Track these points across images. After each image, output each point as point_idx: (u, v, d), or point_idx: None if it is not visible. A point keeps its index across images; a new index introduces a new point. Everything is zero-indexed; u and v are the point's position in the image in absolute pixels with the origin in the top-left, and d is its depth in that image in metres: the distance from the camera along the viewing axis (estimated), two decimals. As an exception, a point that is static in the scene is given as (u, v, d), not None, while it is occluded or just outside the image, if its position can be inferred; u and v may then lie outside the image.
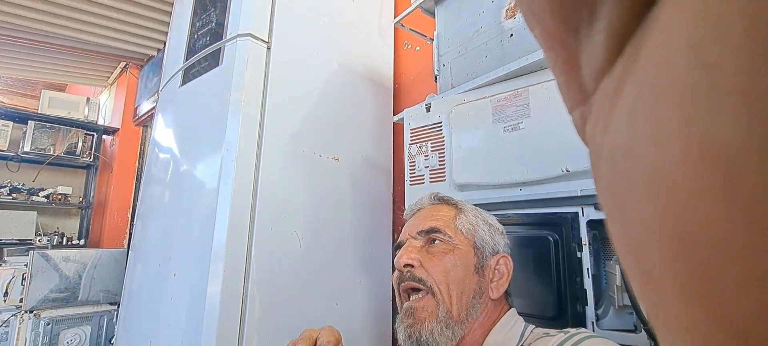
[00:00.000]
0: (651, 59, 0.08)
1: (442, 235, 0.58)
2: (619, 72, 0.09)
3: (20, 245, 2.94)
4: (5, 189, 3.12)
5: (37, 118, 3.20)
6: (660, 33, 0.07)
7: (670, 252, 0.07)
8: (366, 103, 1.35)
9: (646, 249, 0.08)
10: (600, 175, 0.09)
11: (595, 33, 0.09)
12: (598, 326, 0.65)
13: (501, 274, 0.58)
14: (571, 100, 0.11)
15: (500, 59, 0.80)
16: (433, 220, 0.60)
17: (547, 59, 0.11)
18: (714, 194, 0.06)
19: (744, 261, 0.06)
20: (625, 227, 0.09)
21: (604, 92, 0.09)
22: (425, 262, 0.56)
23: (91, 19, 2.57)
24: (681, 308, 0.07)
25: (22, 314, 1.79)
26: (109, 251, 2.11)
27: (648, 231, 0.08)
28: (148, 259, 1.18)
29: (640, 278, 0.09)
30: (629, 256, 0.09)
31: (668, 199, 0.07)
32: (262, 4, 1.12)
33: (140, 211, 1.34)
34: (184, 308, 0.96)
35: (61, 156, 3.21)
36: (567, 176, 0.67)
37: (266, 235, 1.00)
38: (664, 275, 0.08)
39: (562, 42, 0.10)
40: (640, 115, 0.08)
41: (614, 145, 0.09)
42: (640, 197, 0.08)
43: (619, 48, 0.09)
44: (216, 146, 1.02)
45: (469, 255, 0.57)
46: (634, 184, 0.08)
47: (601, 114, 0.09)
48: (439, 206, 0.64)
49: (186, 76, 1.23)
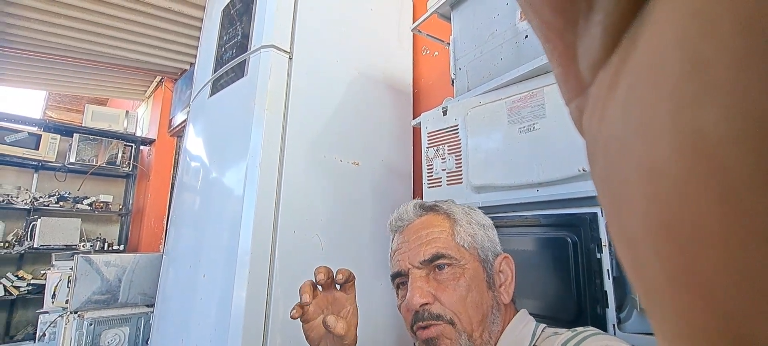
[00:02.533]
0: (644, 52, 0.08)
1: (447, 259, 0.53)
2: (615, 64, 0.09)
3: (66, 250, 3.14)
4: (53, 198, 3.35)
5: (82, 131, 3.42)
6: (654, 26, 0.08)
7: (659, 242, 0.07)
8: (385, 108, 1.37)
9: (637, 238, 0.08)
10: (596, 166, 0.10)
11: (592, 25, 0.09)
12: (621, 329, 0.63)
13: (506, 276, 0.57)
14: (568, 92, 0.11)
15: (515, 61, 0.80)
16: (432, 243, 0.55)
17: (545, 51, 0.11)
18: (700, 184, 0.07)
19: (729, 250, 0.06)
20: (618, 216, 0.09)
21: (600, 84, 0.09)
22: (439, 293, 0.52)
23: (131, 37, 2.74)
24: (670, 296, 0.08)
25: (67, 314, 1.91)
26: (146, 256, 2.22)
27: (639, 221, 0.08)
28: (180, 263, 1.24)
29: (632, 267, 0.09)
30: (623, 247, 0.09)
31: (657, 189, 0.07)
32: (285, 16, 1.16)
33: (173, 217, 1.41)
34: (213, 309, 1.00)
35: (102, 166, 3.42)
36: (584, 176, 0.66)
37: (289, 238, 1.03)
38: (654, 264, 0.08)
39: (560, 34, 0.10)
40: (633, 107, 0.08)
41: (609, 136, 0.09)
42: (632, 187, 0.08)
43: (616, 40, 0.09)
44: (241, 154, 1.07)
45: (478, 272, 0.54)
46: (626, 175, 0.08)
47: (597, 106, 0.09)
48: (429, 217, 0.59)
49: (214, 88, 1.30)
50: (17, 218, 3.28)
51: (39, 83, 3.56)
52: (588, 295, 0.63)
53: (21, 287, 3.17)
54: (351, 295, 0.58)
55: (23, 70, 3.21)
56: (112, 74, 3.39)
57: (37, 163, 3.32)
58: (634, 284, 0.09)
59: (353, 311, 0.58)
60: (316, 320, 0.56)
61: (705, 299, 0.07)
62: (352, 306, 0.58)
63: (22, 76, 3.32)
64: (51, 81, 3.48)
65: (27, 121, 3.32)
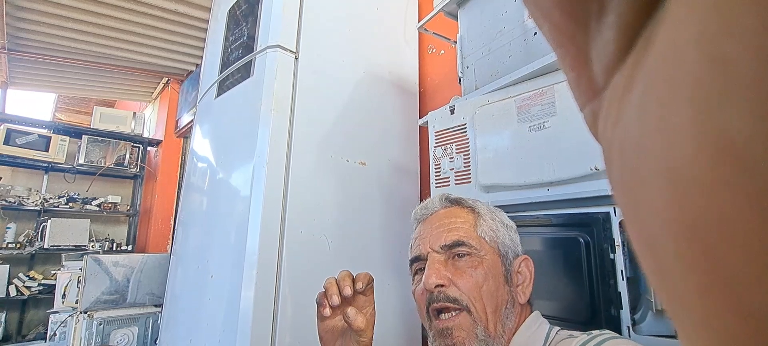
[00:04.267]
0: (661, 53, 0.08)
1: (467, 247, 0.54)
2: (629, 66, 0.09)
3: (76, 251, 3.17)
4: (63, 199, 3.39)
5: (90, 132, 3.46)
6: (671, 26, 0.07)
7: (683, 245, 0.07)
8: (392, 107, 1.37)
9: (659, 242, 0.08)
10: (612, 170, 0.09)
11: (605, 28, 0.09)
12: (635, 331, 0.62)
13: (524, 277, 0.57)
14: (581, 97, 0.11)
15: (524, 58, 0.79)
16: (454, 231, 0.56)
17: (556, 56, 0.11)
18: (727, 186, 0.06)
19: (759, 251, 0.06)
20: (638, 221, 0.09)
21: (614, 88, 0.09)
22: (456, 278, 0.53)
23: (138, 39, 2.77)
24: (696, 300, 0.07)
25: (77, 314, 1.93)
26: (154, 256, 2.23)
27: (661, 224, 0.08)
28: (188, 263, 1.24)
29: (654, 271, 0.09)
30: (644, 252, 0.09)
31: (680, 191, 0.07)
32: (291, 16, 1.16)
33: (181, 218, 1.42)
34: (221, 309, 1.01)
35: (111, 167, 3.45)
36: (597, 175, 0.65)
37: (296, 238, 1.03)
38: (679, 267, 0.08)
39: (571, 38, 0.10)
40: (650, 109, 0.08)
41: (625, 138, 0.09)
42: (652, 189, 0.08)
43: (630, 42, 0.09)
44: (248, 154, 1.06)
45: (496, 265, 0.55)
46: (644, 177, 0.08)
47: (612, 109, 0.09)
48: (453, 209, 0.60)
49: (220, 89, 1.30)
50: (28, 219, 3.33)
51: (50, 86, 3.61)
52: (601, 296, 0.62)
53: (32, 287, 3.22)
54: (370, 296, 0.58)
55: (35, 73, 3.26)
56: (119, 76, 3.43)
57: (47, 165, 3.36)
58: (657, 289, 0.09)
59: (372, 311, 0.58)
60: (333, 321, 0.56)
61: (735, 305, 0.07)
62: (371, 307, 0.58)
63: (34, 79, 3.38)
64: (61, 84, 3.53)
65: (37, 124, 3.36)
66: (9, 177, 3.31)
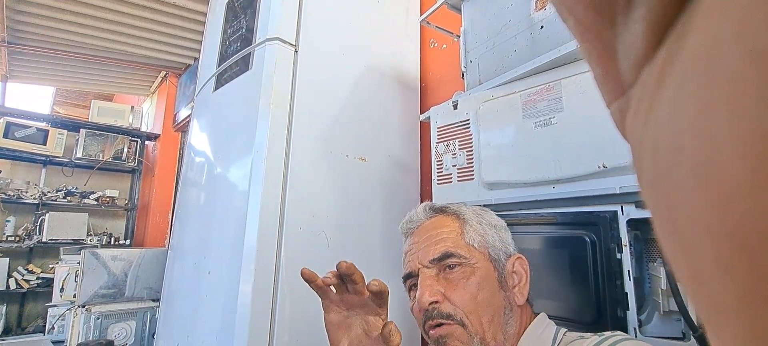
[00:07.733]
0: (697, 47, 0.07)
1: (456, 258, 0.53)
2: (660, 62, 0.08)
3: (74, 245, 3.17)
4: (61, 192, 3.38)
5: (88, 126, 3.44)
6: (706, 20, 0.07)
7: (724, 250, 0.07)
8: (392, 102, 1.35)
9: (696, 247, 0.07)
10: (642, 170, 0.09)
11: (633, 22, 0.09)
12: (642, 332, 0.61)
13: (519, 276, 0.55)
14: (608, 93, 0.11)
15: (530, 53, 0.77)
16: (441, 242, 0.54)
17: (581, 51, 0.11)
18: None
19: None
20: (673, 226, 0.08)
21: (644, 84, 0.09)
22: (449, 292, 0.52)
23: (136, 33, 2.75)
24: (738, 308, 0.07)
25: (75, 308, 1.92)
26: (152, 251, 2.22)
27: (699, 228, 0.07)
28: (185, 258, 1.23)
29: (690, 277, 0.08)
30: (679, 257, 0.08)
31: (720, 194, 0.07)
32: (290, 8, 1.13)
33: (178, 212, 1.40)
34: (219, 305, 0.99)
35: (109, 161, 3.44)
36: (604, 173, 0.63)
37: (295, 235, 1.01)
38: (722, 278, 0.07)
39: (597, 32, 0.10)
40: (686, 108, 0.07)
41: (657, 138, 0.08)
42: (688, 191, 0.07)
43: (660, 37, 0.08)
44: (247, 149, 1.05)
45: (489, 271, 0.53)
46: (680, 178, 0.08)
47: (642, 106, 0.09)
48: (439, 218, 0.58)
49: (218, 82, 1.28)
50: (27, 212, 3.32)
51: (49, 79, 3.59)
52: (608, 297, 0.61)
53: (31, 281, 3.22)
54: (384, 310, 0.55)
55: (34, 66, 3.25)
56: (118, 70, 3.41)
57: (45, 159, 3.35)
58: (693, 295, 0.08)
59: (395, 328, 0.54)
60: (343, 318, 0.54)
61: None
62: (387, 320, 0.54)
63: (34, 72, 3.36)
64: (60, 77, 3.51)
65: (36, 117, 3.34)
66: (8, 170, 3.30)
